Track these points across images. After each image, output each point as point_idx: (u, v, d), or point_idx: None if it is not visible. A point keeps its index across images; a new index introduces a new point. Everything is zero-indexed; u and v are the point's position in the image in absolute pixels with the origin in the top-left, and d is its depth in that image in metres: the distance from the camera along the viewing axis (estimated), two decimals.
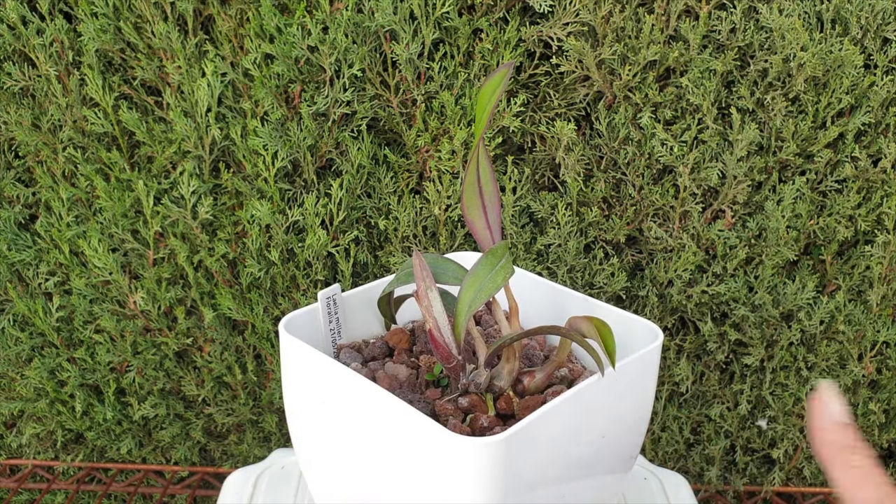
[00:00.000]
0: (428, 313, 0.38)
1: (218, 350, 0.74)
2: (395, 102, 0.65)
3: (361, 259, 0.70)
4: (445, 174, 0.66)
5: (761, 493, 0.80)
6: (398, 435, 0.36)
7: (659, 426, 0.77)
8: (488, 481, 0.33)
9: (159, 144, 0.66)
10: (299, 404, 0.43)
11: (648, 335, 0.43)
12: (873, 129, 0.64)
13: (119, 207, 0.68)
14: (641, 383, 0.43)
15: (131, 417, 0.78)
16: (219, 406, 0.77)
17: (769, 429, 0.76)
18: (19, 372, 0.75)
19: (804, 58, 0.60)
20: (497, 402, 0.41)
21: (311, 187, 0.68)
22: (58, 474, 0.82)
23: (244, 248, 0.70)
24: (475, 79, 0.64)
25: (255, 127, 0.64)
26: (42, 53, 0.64)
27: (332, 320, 0.47)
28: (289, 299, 0.71)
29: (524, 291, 0.49)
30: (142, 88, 0.67)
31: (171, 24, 0.63)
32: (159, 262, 0.71)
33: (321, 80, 0.64)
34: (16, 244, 0.71)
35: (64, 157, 0.68)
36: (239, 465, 0.80)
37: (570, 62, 0.63)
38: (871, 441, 0.77)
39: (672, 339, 0.73)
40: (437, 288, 0.45)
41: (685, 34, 0.61)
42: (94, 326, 0.74)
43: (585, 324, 0.39)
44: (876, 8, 0.59)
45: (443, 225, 0.68)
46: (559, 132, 0.64)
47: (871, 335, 0.70)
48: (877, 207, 0.66)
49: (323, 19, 0.61)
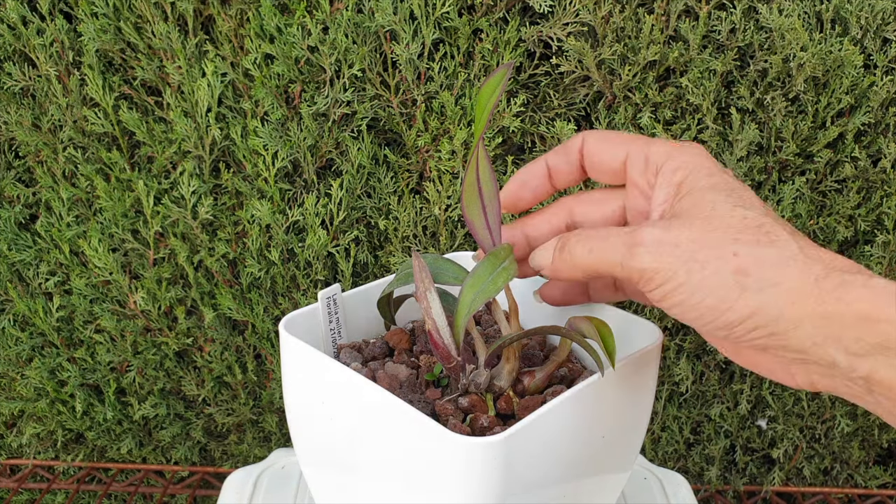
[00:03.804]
0: (427, 314, 0.38)
1: (218, 350, 0.74)
2: (395, 102, 0.65)
3: (361, 259, 0.70)
4: (445, 174, 0.66)
5: (761, 493, 0.80)
6: (398, 435, 0.36)
7: (659, 426, 0.77)
8: (488, 481, 0.34)
9: (159, 144, 0.66)
10: (299, 404, 0.43)
11: (648, 335, 0.44)
12: (873, 129, 0.64)
13: (119, 207, 0.68)
14: (641, 383, 0.43)
15: (131, 417, 0.78)
16: (219, 406, 0.77)
17: (769, 429, 0.76)
18: (19, 372, 0.75)
19: (804, 58, 0.60)
20: (497, 402, 0.41)
21: (311, 187, 0.68)
22: (58, 474, 0.82)
23: (244, 248, 0.70)
24: (475, 79, 0.64)
25: (255, 127, 0.64)
26: (42, 53, 0.64)
27: (333, 320, 0.47)
28: (289, 299, 0.71)
29: (524, 291, 0.49)
30: (142, 88, 0.67)
31: (171, 25, 0.63)
32: (159, 261, 0.71)
33: (321, 81, 0.64)
34: (16, 244, 0.71)
35: (64, 157, 0.68)
36: (239, 464, 0.80)
37: (570, 62, 0.63)
38: (871, 441, 0.77)
39: (672, 339, 0.73)
40: (437, 288, 0.45)
41: (685, 34, 0.61)
42: (94, 326, 0.74)
43: (585, 324, 0.39)
44: (876, 8, 0.59)
45: (443, 225, 0.68)
46: (559, 132, 0.64)
47: None
48: (877, 207, 0.66)
49: (323, 19, 0.61)
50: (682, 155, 0.34)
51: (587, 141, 0.38)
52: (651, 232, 0.32)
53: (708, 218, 0.31)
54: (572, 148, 0.38)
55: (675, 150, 0.35)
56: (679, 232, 0.31)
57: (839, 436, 0.76)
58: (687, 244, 0.31)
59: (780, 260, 0.29)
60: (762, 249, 0.30)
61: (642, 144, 0.36)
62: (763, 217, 0.31)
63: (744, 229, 0.30)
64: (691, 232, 0.31)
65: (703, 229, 0.31)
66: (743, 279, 0.29)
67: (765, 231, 0.30)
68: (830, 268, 0.29)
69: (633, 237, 0.32)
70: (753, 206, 0.32)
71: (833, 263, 0.30)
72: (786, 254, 0.30)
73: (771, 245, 0.30)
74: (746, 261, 0.30)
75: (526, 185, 0.40)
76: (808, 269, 0.29)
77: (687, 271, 0.30)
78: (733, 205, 0.31)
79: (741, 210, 0.31)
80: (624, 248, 0.32)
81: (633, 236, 0.32)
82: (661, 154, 0.35)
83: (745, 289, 0.29)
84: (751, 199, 0.32)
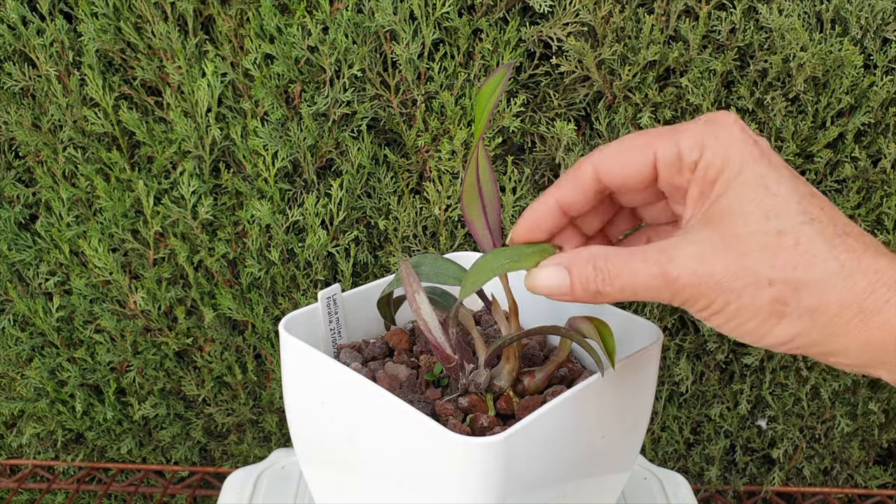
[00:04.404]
0: (418, 315, 0.39)
1: (218, 350, 0.74)
2: (395, 102, 0.65)
3: (361, 259, 0.70)
4: (445, 174, 0.66)
5: (761, 493, 0.80)
6: (398, 435, 0.36)
7: (659, 426, 0.77)
8: (488, 481, 0.34)
9: (159, 144, 0.66)
10: (299, 404, 0.43)
11: (648, 335, 0.44)
12: (873, 129, 0.64)
13: (119, 207, 0.68)
14: (641, 383, 0.43)
15: (131, 417, 0.78)
16: (219, 406, 0.77)
17: (769, 429, 0.76)
18: (19, 372, 0.75)
19: (804, 58, 0.60)
20: (497, 402, 0.41)
21: (311, 187, 0.68)
22: (58, 474, 0.82)
23: (244, 248, 0.70)
24: (475, 79, 0.64)
25: (255, 127, 0.64)
26: (42, 53, 0.64)
27: (333, 320, 0.47)
28: (289, 299, 0.71)
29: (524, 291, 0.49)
30: (142, 88, 0.67)
31: (171, 25, 0.63)
32: (159, 261, 0.71)
33: (321, 81, 0.64)
34: (16, 244, 0.71)
35: (64, 157, 0.68)
36: (239, 464, 0.80)
37: (570, 62, 0.63)
38: (871, 441, 0.77)
39: (672, 338, 0.73)
40: (436, 288, 0.45)
41: (685, 34, 0.61)
42: (94, 326, 0.74)
43: (585, 324, 0.39)
44: (876, 8, 0.59)
45: (443, 225, 0.68)
46: (559, 132, 0.64)
47: None
48: (877, 207, 0.66)
49: (323, 19, 0.61)
50: (716, 143, 0.31)
51: (599, 166, 0.34)
52: (686, 264, 0.31)
53: (740, 237, 0.30)
54: (583, 178, 0.34)
55: (707, 138, 0.31)
56: (714, 262, 0.30)
57: (839, 436, 0.76)
58: (722, 275, 0.30)
59: (818, 285, 0.28)
60: (799, 274, 0.29)
61: (669, 139, 0.32)
62: (801, 227, 0.29)
63: (779, 250, 0.29)
64: (726, 260, 0.30)
65: (737, 254, 0.30)
66: (781, 308, 0.29)
67: (802, 251, 0.29)
68: (876, 283, 0.28)
69: (669, 270, 0.31)
70: (789, 212, 0.29)
71: (880, 277, 0.28)
72: (825, 276, 0.28)
73: (809, 268, 0.29)
74: (784, 291, 0.29)
75: (540, 227, 0.37)
76: (849, 289, 0.28)
77: (725, 301, 0.30)
78: (767, 215, 0.30)
79: (775, 223, 0.29)
80: (662, 283, 0.31)
81: (668, 269, 0.31)
82: (693, 148, 0.32)
83: (783, 316, 0.29)
84: (786, 198, 0.30)
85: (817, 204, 0.30)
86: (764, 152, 0.31)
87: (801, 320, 0.29)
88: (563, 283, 0.34)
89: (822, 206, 0.30)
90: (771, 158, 0.31)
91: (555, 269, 0.34)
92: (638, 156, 0.33)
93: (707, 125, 0.32)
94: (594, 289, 0.33)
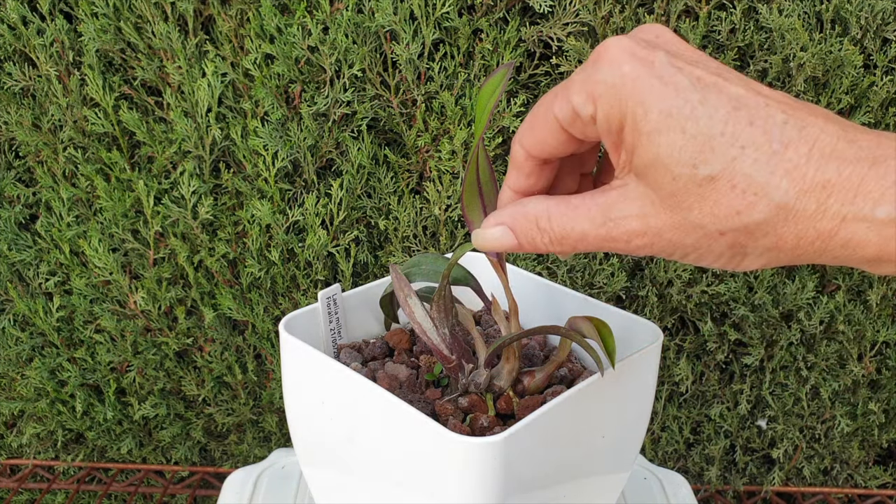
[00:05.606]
0: (412, 319, 0.39)
1: (218, 350, 0.74)
2: (395, 102, 0.65)
3: (361, 259, 0.70)
4: (445, 174, 0.66)
5: (761, 493, 0.80)
6: (398, 435, 0.36)
7: (659, 426, 0.77)
8: (488, 481, 0.34)
9: (159, 144, 0.66)
10: (299, 404, 0.43)
11: (648, 335, 0.44)
12: (873, 129, 0.64)
13: (119, 207, 0.68)
14: (641, 383, 0.43)
15: (131, 417, 0.78)
16: (219, 406, 0.77)
17: (769, 429, 0.76)
18: (20, 372, 0.75)
19: (804, 58, 0.60)
20: (497, 402, 0.41)
21: (311, 187, 0.68)
22: (58, 474, 0.82)
23: (244, 248, 0.70)
24: (475, 79, 0.64)
25: (255, 127, 0.64)
26: (42, 53, 0.64)
27: (333, 320, 0.47)
28: (289, 299, 0.71)
29: (524, 291, 0.49)
30: (142, 88, 0.67)
31: (171, 25, 0.63)
32: (160, 262, 0.71)
33: (321, 81, 0.64)
34: (16, 244, 0.71)
35: (64, 157, 0.68)
36: (239, 464, 0.80)
37: (570, 62, 0.63)
38: (871, 441, 0.77)
39: (672, 339, 0.73)
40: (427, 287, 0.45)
41: (685, 34, 0.61)
42: (94, 326, 0.74)
43: (585, 324, 0.39)
44: (876, 8, 0.59)
45: (443, 225, 0.68)
46: None
47: (870, 335, 0.70)
48: None
49: (323, 19, 0.61)
50: (606, 90, 0.28)
51: (524, 144, 0.33)
52: (631, 227, 0.30)
53: (675, 194, 0.28)
54: (519, 160, 0.34)
55: (596, 86, 0.28)
56: (658, 222, 0.29)
57: (839, 436, 0.76)
58: (671, 233, 0.29)
59: (767, 225, 0.28)
60: (744, 219, 0.27)
61: (563, 97, 0.30)
62: (732, 164, 0.27)
63: (718, 199, 0.27)
64: (671, 218, 0.29)
65: (678, 210, 0.28)
66: (741, 250, 0.29)
67: (740, 192, 0.27)
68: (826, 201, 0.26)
69: (617, 236, 0.30)
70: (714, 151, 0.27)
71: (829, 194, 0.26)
72: (771, 213, 0.27)
73: (752, 210, 0.27)
74: (737, 237, 0.28)
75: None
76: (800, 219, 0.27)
77: (683, 254, 0.30)
78: (693, 163, 0.27)
79: (703, 169, 0.27)
80: (613, 245, 0.31)
81: (615, 234, 0.30)
82: (585, 102, 0.29)
83: (746, 255, 0.29)
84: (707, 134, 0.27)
85: (745, 119, 0.27)
86: (663, 76, 0.27)
87: (765, 255, 0.29)
88: (511, 242, 0.33)
89: (752, 120, 0.27)
90: (673, 77, 0.27)
91: (499, 230, 0.33)
92: (545, 124, 0.31)
93: (594, 67, 0.29)
94: (543, 248, 0.32)
